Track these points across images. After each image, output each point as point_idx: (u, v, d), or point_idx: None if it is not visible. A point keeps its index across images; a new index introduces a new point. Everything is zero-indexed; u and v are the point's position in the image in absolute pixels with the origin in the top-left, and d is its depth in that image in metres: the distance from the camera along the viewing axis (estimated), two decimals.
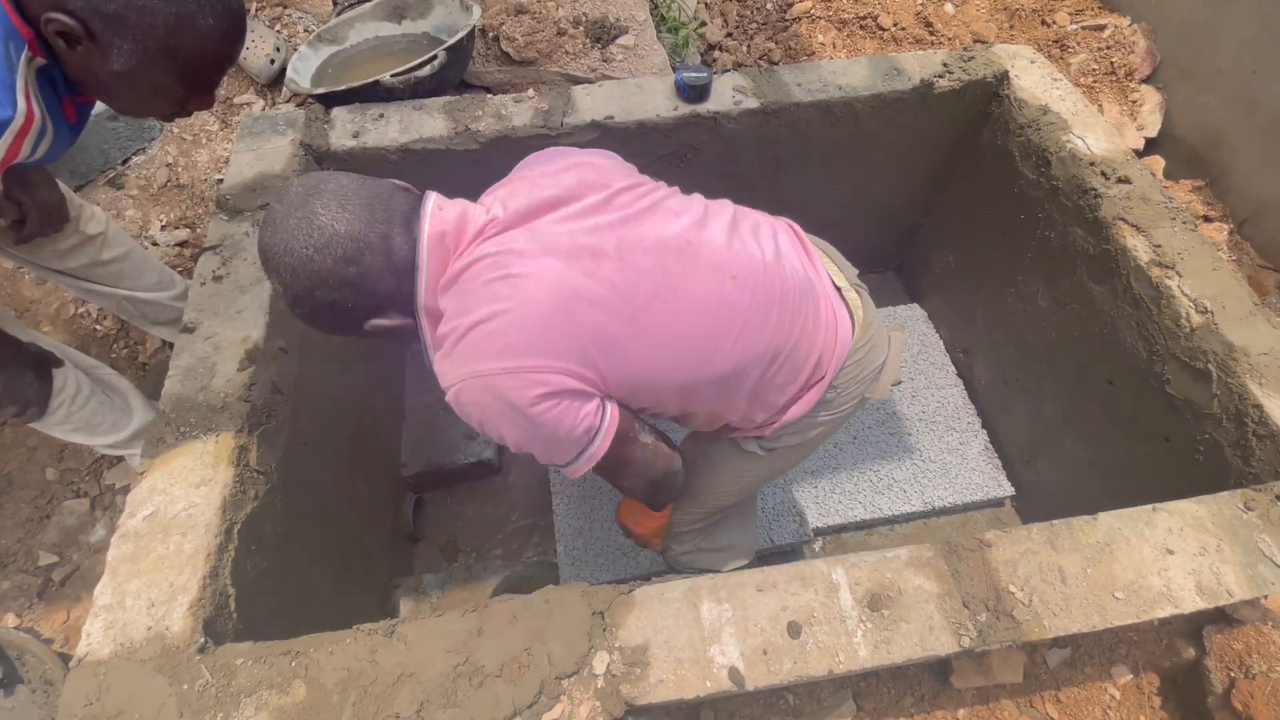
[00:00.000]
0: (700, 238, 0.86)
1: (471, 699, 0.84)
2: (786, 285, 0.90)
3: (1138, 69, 2.48)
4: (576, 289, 0.76)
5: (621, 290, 0.78)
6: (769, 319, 0.88)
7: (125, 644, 0.89)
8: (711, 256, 0.85)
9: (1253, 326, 1.21)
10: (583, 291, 0.76)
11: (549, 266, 0.76)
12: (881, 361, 1.02)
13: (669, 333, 0.82)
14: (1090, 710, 1.28)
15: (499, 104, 1.58)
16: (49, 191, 1.28)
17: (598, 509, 1.72)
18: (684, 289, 0.82)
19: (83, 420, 1.39)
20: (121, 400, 1.50)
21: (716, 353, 0.85)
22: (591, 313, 0.77)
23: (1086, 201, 1.46)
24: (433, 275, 0.78)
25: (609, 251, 0.79)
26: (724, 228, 0.90)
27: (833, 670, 0.88)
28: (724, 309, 0.84)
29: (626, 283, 0.79)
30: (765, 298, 0.87)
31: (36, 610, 1.62)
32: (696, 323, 0.83)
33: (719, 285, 0.83)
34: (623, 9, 2.15)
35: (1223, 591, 0.95)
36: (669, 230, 0.84)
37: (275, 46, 2.13)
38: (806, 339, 0.92)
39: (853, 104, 1.64)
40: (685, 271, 0.82)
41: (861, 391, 1.02)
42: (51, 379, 1.31)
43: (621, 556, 1.65)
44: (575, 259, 0.77)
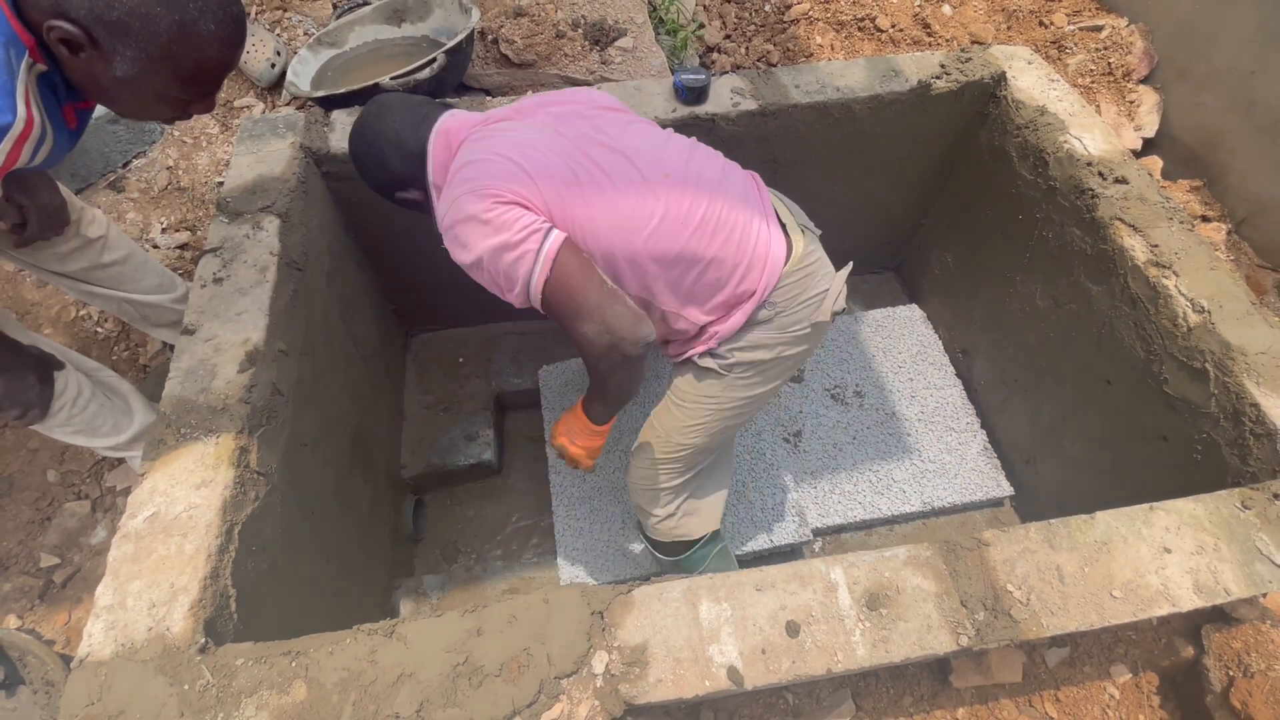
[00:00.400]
0: (651, 145, 1.05)
1: (471, 699, 0.85)
2: (716, 196, 1.04)
3: (1135, 69, 2.49)
4: (533, 142, 0.99)
5: (572, 156, 1.00)
6: (691, 219, 1.02)
7: (126, 644, 0.89)
8: (653, 157, 1.04)
9: (1250, 326, 1.22)
10: (538, 145, 0.99)
11: (519, 126, 1.02)
12: (823, 290, 1.12)
13: (600, 200, 0.99)
14: (1089, 709, 1.28)
15: (498, 106, 1.59)
16: (50, 195, 1.28)
17: (598, 510, 1.72)
18: (620, 173, 1.01)
19: (84, 423, 1.40)
20: (122, 402, 1.50)
21: (637, 232, 1.00)
22: (543, 158, 0.98)
23: (1084, 202, 1.46)
24: (438, 161, 1.04)
25: (568, 134, 1.02)
26: (682, 150, 1.08)
27: (831, 669, 0.89)
28: (648, 196, 1.00)
29: (578, 151, 1.00)
30: (692, 199, 1.02)
31: (38, 612, 1.62)
32: (622, 199, 1.00)
33: (651, 176, 1.01)
34: (621, 11, 2.16)
35: (1220, 590, 0.96)
36: (626, 138, 1.04)
37: (275, 50, 2.14)
38: (732, 249, 1.05)
39: (851, 105, 1.64)
40: (627, 162, 1.02)
41: (806, 316, 1.12)
42: (53, 381, 1.31)
43: (621, 557, 1.65)
44: (543, 128, 1.02)
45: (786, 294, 1.09)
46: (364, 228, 1.71)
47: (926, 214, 2.07)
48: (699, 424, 1.19)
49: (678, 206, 1.01)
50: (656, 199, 1.01)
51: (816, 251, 1.14)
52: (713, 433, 1.21)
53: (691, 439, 1.21)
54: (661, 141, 1.09)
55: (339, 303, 1.56)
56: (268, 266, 1.28)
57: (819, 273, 1.12)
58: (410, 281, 1.93)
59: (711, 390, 1.17)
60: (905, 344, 2.02)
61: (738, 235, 1.05)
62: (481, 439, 1.85)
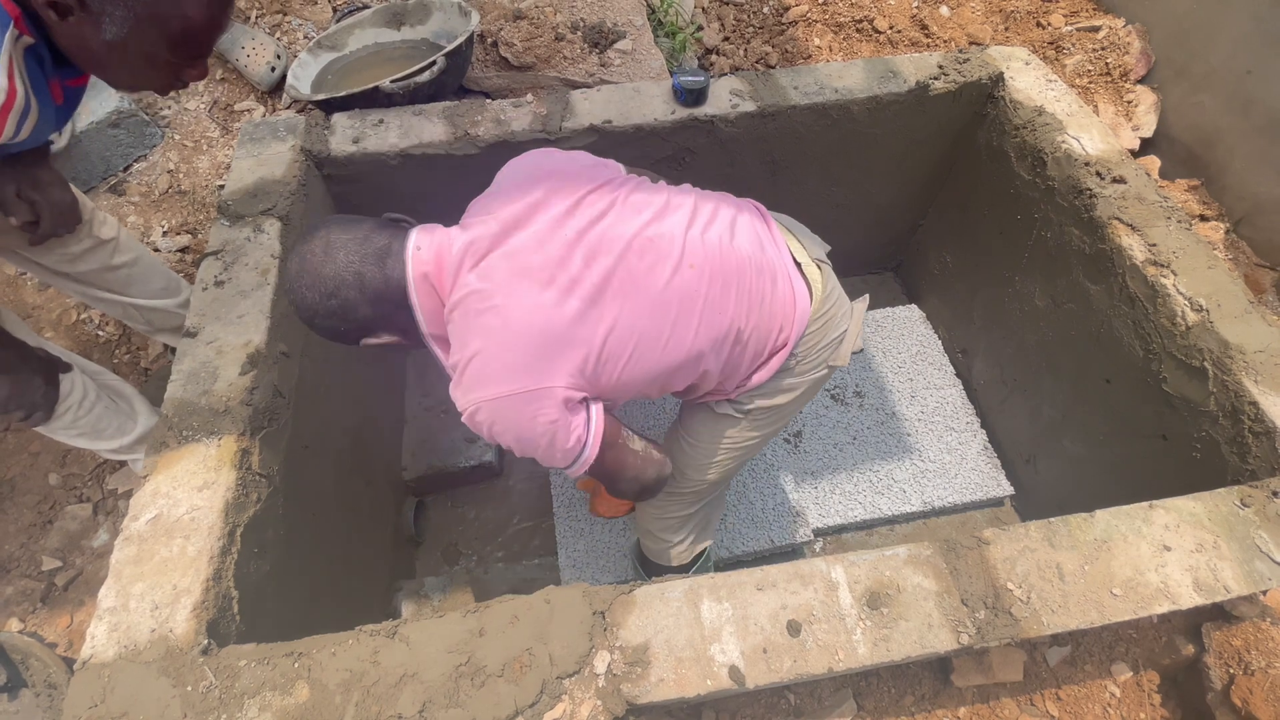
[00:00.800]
0: (660, 231, 0.93)
1: (474, 699, 0.85)
2: (743, 266, 0.97)
3: (1133, 70, 2.49)
4: (551, 313, 0.85)
5: (591, 298, 0.87)
6: (728, 300, 0.95)
7: (129, 646, 0.89)
8: (669, 248, 0.92)
9: (1248, 324, 1.22)
10: (557, 313, 0.85)
11: (526, 292, 0.85)
12: (842, 331, 1.10)
13: (636, 330, 0.89)
14: (1091, 708, 1.28)
15: (498, 109, 1.59)
16: (61, 191, 1.28)
17: None
18: (646, 285, 0.89)
19: (89, 425, 1.40)
20: (126, 405, 1.51)
21: (683, 339, 0.93)
22: (568, 329, 0.85)
23: (1082, 201, 1.47)
24: (428, 310, 0.89)
25: (576, 260, 0.88)
26: (683, 219, 0.96)
27: (832, 668, 0.89)
28: (685, 299, 0.92)
29: (594, 287, 0.87)
30: (723, 281, 0.94)
31: (40, 615, 1.62)
32: (661, 315, 0.91)
33: (678, 276, 0.91)
34: (620, 14, 2.17)
35: (1220, 588, 0.96)
36: (629, 229, 0.92)
37: (276, 54, 2.14)
38: (766, 314, 0.99)
39: (849, 106, 1.65)
40: (647, 269, 0.90)
41: (825, 359, 1.09)
42: (59, 384, 1.31)
43: (622, 559, 1.65)
44: (548, 279, 0.86)
45: (809, 342, 1.06)
46: None
47: (925, 214, 2.08)
48: (713, 463, 1.19)
49: (709, 298, 0.93)
50: (692, 305, 0.92)
51: (834, 287, 1.09)
52: (726, 470, 1.22)
53: (706, 476, 1.21)
54: (663, 209, 0.96)
55: None
56: (269, 269, 1.28)
57: (838, 313, 1.09)
58: None
59: (728, 433, 1.14)
60: (905, 344, 2.03)
61: (769, 300, 0.99)
62: (481, 441, 1.85)
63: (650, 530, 1.33)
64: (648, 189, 1.00)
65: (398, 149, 1.53)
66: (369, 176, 1.57)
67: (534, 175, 0.97)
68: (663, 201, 0.98)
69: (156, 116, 2.16)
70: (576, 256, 0.88)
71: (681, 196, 1.01)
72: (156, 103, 2.17)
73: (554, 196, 0.92)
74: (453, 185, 1.64)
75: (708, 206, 1.01)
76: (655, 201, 0.97)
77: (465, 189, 1.65)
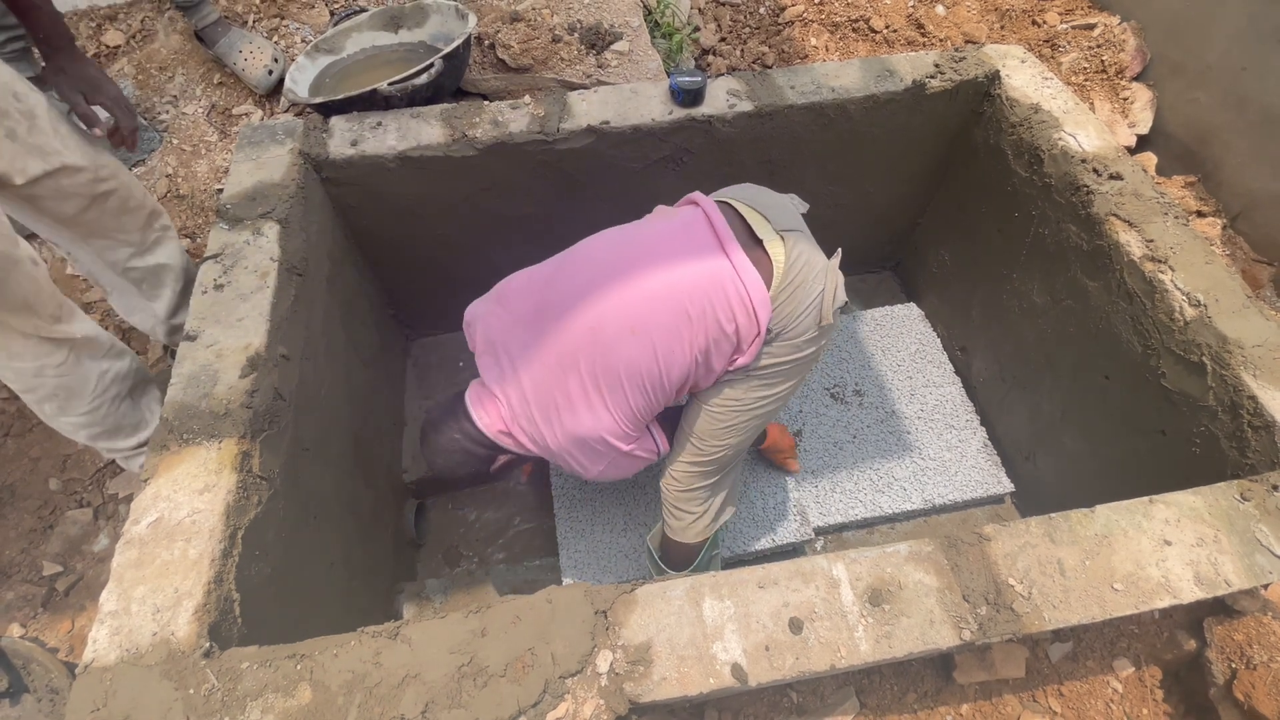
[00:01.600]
0: (602, 309, 1.07)
1: (476, 699, 0.85)
2: (691, 295, 1.06)
3: (1128, 67, 2.50)
4: (585, 420, 1.10)
5: (596, 396, 1.09)
6: (681, 337, 1.06)
7: (131, 649, 0.89)
8: (617, 325, 1.06)
9: (1246, 319, 1.22)
10: (588, 415, 1.10)
11: (548, 391, 1.11)
12: (819, 291, 1.11)
13: (631, 392, 1.09)
14: (1093, 703, 1.28)
15: (496, 111, 1.60)
16: (110, 84, 1.38)
17: (600, 511, 1.73)
18: (616, 370, 1.07)
19: (113, 423, 1.45)
20: (145, 399, 1.53)
21: (659, 388, 1.10)
22: (595, 429, 1.11)
23: (1079, 198, 1.47)
24: (512, 445, 1.19)
25: (551, 379, 1.10)
26: (619, 287, 1.08)
27: (835, 665, 0.89)
28: (645, 358, 1.06)
29: (592, 389, 1.09)
30: (671, 324, 1.06)
31: (41, 620, 1.62)
32: (637, 378, 1.08)
33: (629, 347, 1.06)
34: (617, 15, 2.17)
35: (1221, 582, 0.96)
36: (582, 331, 1.07)
37: (273, 57, 2.14)
38: (727, 320, 1.07)
39: (846, 106, 1.65)
40: (606, 349, 1.06)
41: (812, 323, 1.12)
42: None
43: (623, 559, 1.65)
44: (554, 406, 1.11)
45: (783, 312, 1.09)
46: (363, 233, 1.72)
47: (923, 213, 2.08)
48: (730, 425, 1.20)
49: (664, 346, 1.06)
50: (651, 360, 1.07)
51: (801, 253, 1.11)
52: (746, 431, 1.22)
53: (726, 440, 1.22)
54: (601, 287, 1.10)
55: (339, 308, 1.56)
56: (268, 272, 1.28)
57: (809, 278, 1.10)
58: (410, 286, 1.94)
59: (735, 393, 1.17)
60: (904, 342, 2.03)
61: (724, 301, 1.06)
62: None
63: (675, 506, 1.32)
64: (579, 259, 1.15)
65: (396, 151, 1.53)
66: (367, 179, 1.57)
67: (513, 320, 1.15)
68: (604, 274, 1.10)
69: (155, 121, 2.16)
70: (561, 377, 1.09)
71: (615, 257, 1.12)
72: (155, 107, 2.18)
73: (522, 319, 1.14)
74: (451, 187, 1.64)
75: (639, 246, 1.13)
76: (596, 275, 1.10)
77: (463, 190, 1.66)
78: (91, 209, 1.36)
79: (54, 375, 1.32)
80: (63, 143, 1.26)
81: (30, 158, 1.21)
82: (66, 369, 1.33)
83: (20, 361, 1.27)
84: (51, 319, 1.28)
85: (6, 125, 1.17)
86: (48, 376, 1.31)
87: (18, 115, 1.19)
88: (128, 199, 1.42)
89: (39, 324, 1.26)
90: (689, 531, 1.32)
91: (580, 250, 1.17)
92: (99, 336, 1.41)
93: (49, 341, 1.29)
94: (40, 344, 1.28)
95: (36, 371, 1.30)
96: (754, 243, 1.11)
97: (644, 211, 1.27)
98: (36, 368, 1.29)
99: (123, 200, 1.41)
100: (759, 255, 1.09)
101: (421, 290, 1.95)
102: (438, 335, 2.16)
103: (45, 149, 1.23)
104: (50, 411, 1.38)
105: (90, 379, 1.38)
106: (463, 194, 1.67)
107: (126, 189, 1.41)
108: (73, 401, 1.38)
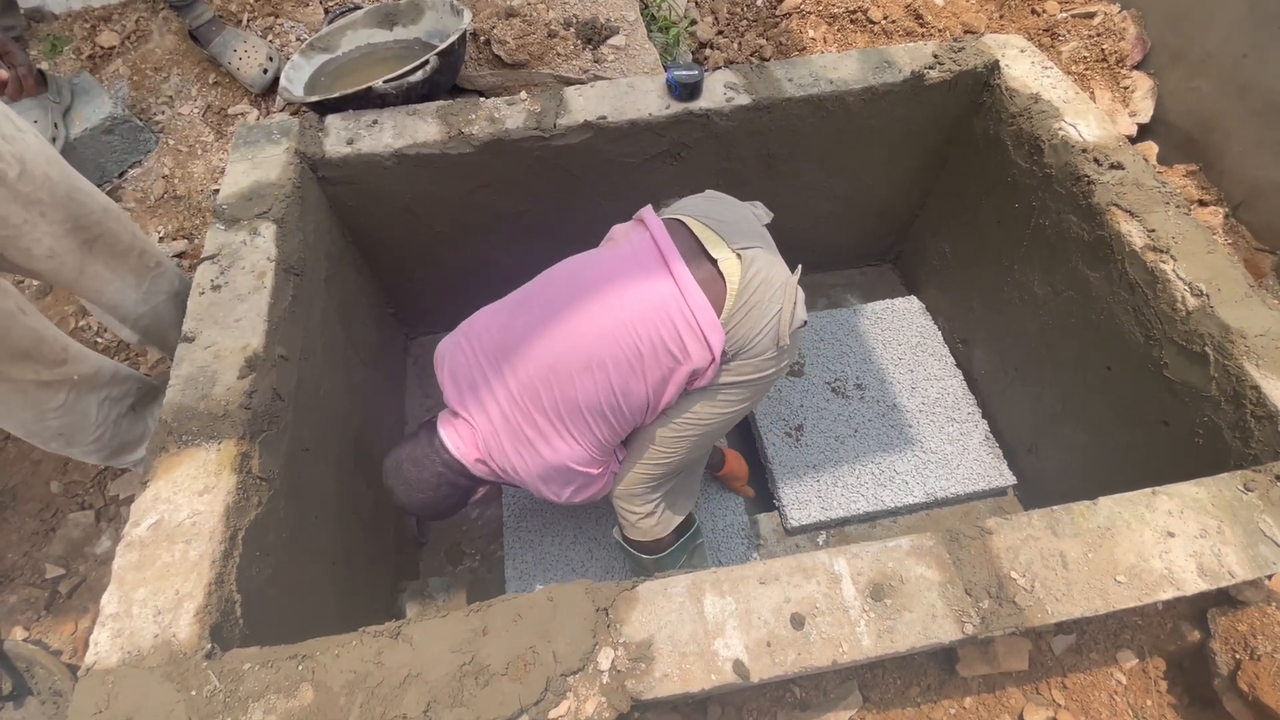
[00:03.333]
0: (558, 349, 1.09)
1: (478, 698, 0.85)
2: (639, 327, 1.07)
3: (1129, 55, 2.48)
4: (562, 453, 1.14)
5: (582, 422, 1.13)
6: (634, 369, 1.08)
7: (133, 652, 0.89)
8: (571, 363, 1.08)
9: (1249, 308, 1.21)
10: (565, 452, 1.14)
11: (523, 434, 1.14)
12: (776, 311, 1.09)
13: (594, 421, 1.12)
14: (1097, 695, 1.28)
15: (492, 107, 1.59)
16: None
17: (550, 523, 1.71)
18: (577, 402, 1.09)
19: (118, 442, 1.45)
20: (147, 411, 1.53)
21: (620, 416, 1.13)
22: (553, 449, 1.14)
23: (1080, 188, 1.46)
24: (489, 474, 1.20)
25: (517, 413, 1.13)
26: (572, 325, 1.10)
27: (836, 661, 0.89)
28: (603, 391, 1.09)
29: (555, 416, 1.12)
30: (623, 358, 1.07)
31: (44, 623, 1.62)
32: (597, 408, 1.10)
33: (585, 381, 1.08)
34: (613, 9, 2.16)
35: (1224, 573, 0.96)
36: (541, 368, 1.09)
37: (268, 56, 2.13)
38: (677, 348, 1.07)
39: (844, 97, 1.64)
40: (564, 386, 1.09)
41: (770, 344, 1.10)
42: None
43: (570, 573, 1.65)
44: (518, 425, 1.14)
45: (738, 333, 1.08)
46: (361, 231, 1.71)
47: (923, 205, 2.07)
48: (682, 436, 1.20)
49: (620, 378, 1.08)
50: (610, 390, 1.09)
51: (758, 271, 1.08)
52: (696, 445, 1.22)
53: (676, 449, 1.21)
54: (557, 330, 1.11)
55: (338, 307, 1.56)
56: (265, 272, 1.28)
57: (765, 297, 1.08)
58: (409, 284, 1.93)
59: (692, 407, 1.17)
60: (904, 335, 2.02)
61: (671, 328, 1.06)
62: None
63: (621, 504, 1.32)
64: (538, 296, 1.16)
65: (392, 149, 1.52)
66: (364, 177, 1.57)
67: (476, 358, 1.17)
68: (555, 316, 1.12)
69: (150, 122, 2.16)
70: (527, 411, 1.12)
71: (567, 304, 1.12)
72: (150, 108, 2.17)
73: (494, 379, 1.15)
74: (448, 184, 1.63)
75: (590, 289, 1.12)
76: (551, 315, 1.12)
77: (460, 188, 1.65)
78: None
79: (55, 418, 1.31)
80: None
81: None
82: (66, 409, 1.33)
83: (22, 412, 1.27)
84: (54, 364, 1.27)
85: None
86: (49, 421, 1.31)
87: (10, 159, 1.16)
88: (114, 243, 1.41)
89: (39, 369, 1.25)
90: (636, 529, 1.32)
91: (536, 288, 1.19)
92: (100, 369, 1.40)
93: (48, 387, 1.28)
94: (39, 390, 1.27)
95: (37, 419, 1.29)
96: (707, 260, 1.09)
97: (641, 207, 1.26)
98: (36, 415, 1.29)
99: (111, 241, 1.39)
100: (711, 274, 1.08)
101: (420, 288, 1.95)
102: (437, 333, 2.16)
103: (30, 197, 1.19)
104: (57, 448, 1.39)
105: (91, 412, 1.38)
106: (460, 191, 1.66)
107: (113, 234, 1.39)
108: (77, 436, 1.38)
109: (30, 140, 1.22)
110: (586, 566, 1.65)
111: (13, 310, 1.18)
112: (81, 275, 1.33)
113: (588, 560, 1.66)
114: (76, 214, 1.28)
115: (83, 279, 1.34)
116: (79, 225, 1.29)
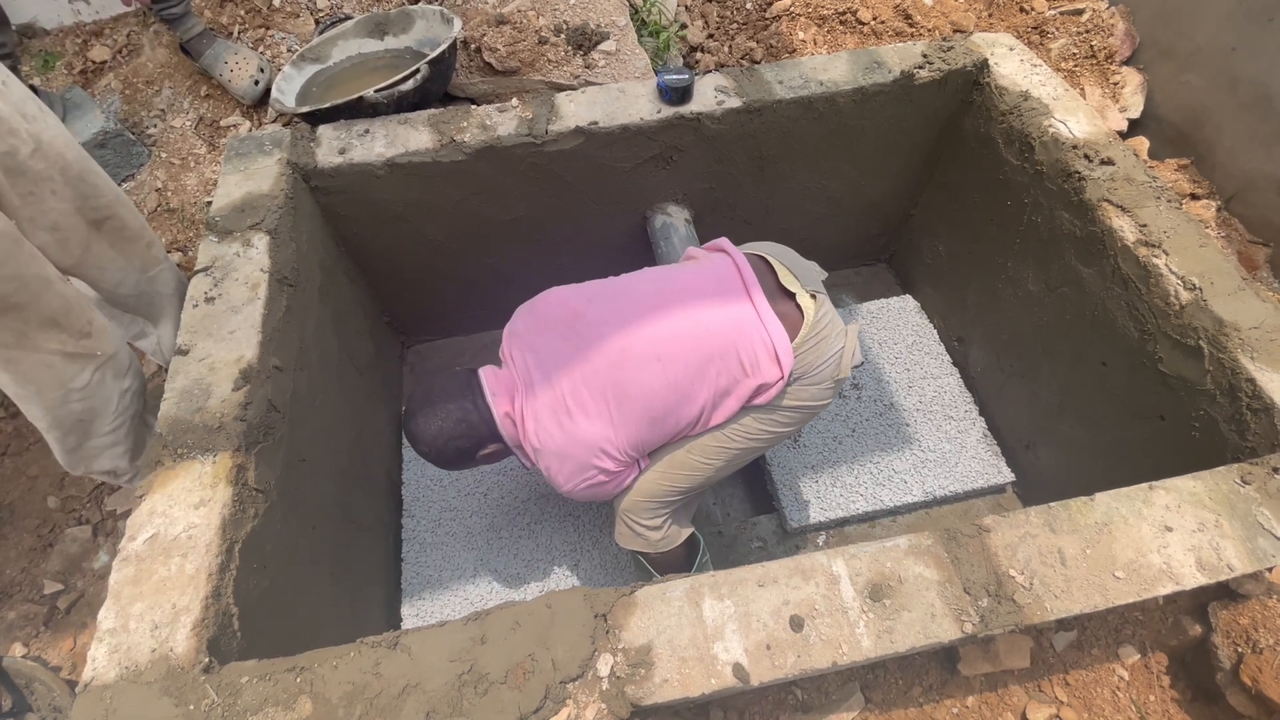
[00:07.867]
0: (634, 335, 1.14)
1: (477, 706, 0.84)
2: (715, 337, 1.13)
3: (1118, 51, 2.49)
4: (588, 433, 1.14)
5: (627, 413, 1.13)
6: (704, 374, 1.13)
7: (130, 667, 0.89)
8: (645, 351, 1.12)
9: (1242, 301, 1.22)
10: (593, 431, 1.14)
11: (561, 405, 1.15)
12: (839, 348, 1.20)
13: (640, 418, 1.14)
14: (1100, 691, 1.28)
15: (484, 114, 1.59)
16: None
17: (450, 557, 1.69)
18: (633, 392, 1.12)
19: (134, 440, 1.44)
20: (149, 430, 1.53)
21: (666, 420, 1.15)
22: (589, 426, 1.13)
23: (1071, 185, 1.46)
24: (510, 433, 1.19)
25: (570, 382, 1.14)
26: (652, 319, 1.15)
27: (836, 662, 0.88)
28: (665, 388, 1.12)
29: (591, 396, 1.14)
30: (695, 361, 1.12)
31: (43, 639, 1.62)
32: (652, 406, 1.13)
33: (651, 374, 1.12)
34: (603, 15, 2.16)
35: (1223, 566, 0.95)
36: (611, 350, 1.13)
37: (259, 67, 2.14)
38: (750, 362, 1.13)
39: (835, 99, 1.64)
40: (629, 371, 1.12)
41: (829, 375, 1.20)
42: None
43: (468, 583, 1.64)
44: (564, 394, 1.14)
45: (804, 360, 1.16)
46: (355, 241, 1.71)
47: (915, 204, 2.07)
48: (724, 449, 1.22)
49: (686, 379, 1.13)
50: (672, 388, 1.12)
51: (827, 312, 1.20)
52: (732, 460, 1.25)
53: (713, 460, 1.23)
54: (632, 317, 1.15)
55: (332, 316, 1.56)
56: (259, 284, 1.28)
57: (831, 334, 1.19)
58: (403, 292, 1.93)
59: (748, 419, 1.20)
60: (900, 335, 2.03)
61: (748, 344, 1.13)
62: None
63: (629, 515, 1.30)
64: (617, 293, 1.20)
65: (384, 158, 1.53)
66: (356, 187, 1.57)
67: (547, 324, 1.20)
68: (634, 309, 1.16)
69: (143, 135, 2.16)
70: (566, 383, 1.14)
71: (652, 294, 1.18)
72: (143, 122, 2.17)
73: (558, 334, 1.18)
74: (441, 192, 1.64)
75: (672, 287, 1.19)
76: (626, 310, 1.17)
77: (453, 195, 1.66)
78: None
79: (79, 400, 1.30)
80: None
81: None
82: (90, 390, 1.31)
83: (50, 392, 1.26)
84: (80, 334, 1.27)
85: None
86: (73, 403, 1.30)
87: (26, 135, 1.17)
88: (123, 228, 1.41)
89: (65, 340, 1.24)
90: (639, 540, 1.31)
91: (622, 282, 1.25)
92: (120, 350, 1.39)
93: (74, 360, 1.27)
94: (66, 365, 1.26)
95: (63, 400, 1.28)
96: (783, 295, 1.19)
97: (634, 211, 1.28)
98: (62, 395, 1.27)
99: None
100: (788, 307, 1.18)
101: (415, 296, 1.95)
102: (433, 340, 2.16)
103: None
104: (73, 444, 1.36)
105: (112, 399, 1.37)
106: (453, 199, 1.66)
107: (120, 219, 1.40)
108: (96, 423, 1.36)
109: (51, 123, 1.24)
110: (486, 600, 1.63)
111: (47, 276, 1.19)
112: (87, 252, 1.34)
113: (488, 595, 1.64)
114: (87, 194, 1.30)
115: (88, 256, 1.35)
116: (89, 205, 1.31)
